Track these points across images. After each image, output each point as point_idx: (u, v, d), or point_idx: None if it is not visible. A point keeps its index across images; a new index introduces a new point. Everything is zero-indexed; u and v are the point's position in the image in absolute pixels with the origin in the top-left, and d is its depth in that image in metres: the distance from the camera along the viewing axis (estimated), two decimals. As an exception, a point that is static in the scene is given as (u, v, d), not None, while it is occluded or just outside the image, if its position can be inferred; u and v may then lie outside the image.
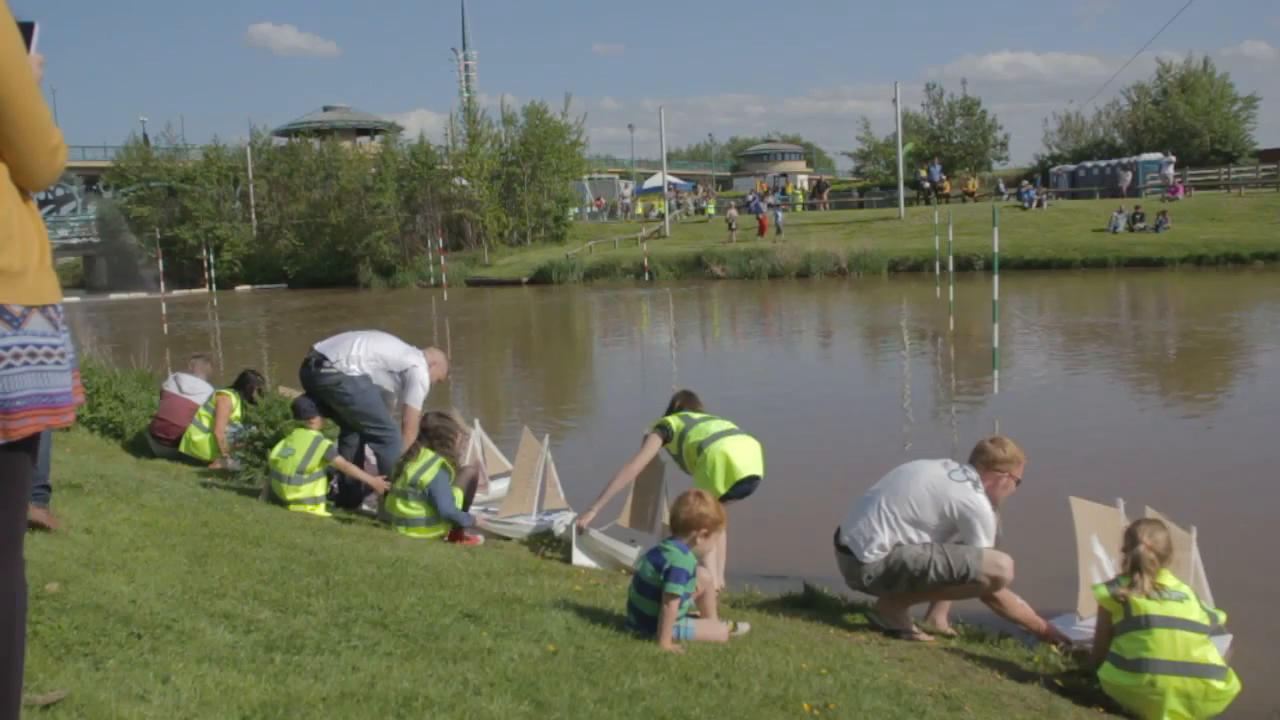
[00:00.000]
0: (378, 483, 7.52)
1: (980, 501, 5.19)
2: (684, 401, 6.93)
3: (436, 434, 7.12)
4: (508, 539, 7.42)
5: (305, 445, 7.41)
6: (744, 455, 6.41)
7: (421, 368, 7.80)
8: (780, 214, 49.79)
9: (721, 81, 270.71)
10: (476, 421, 9.04)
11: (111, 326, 31.63)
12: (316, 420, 7.67)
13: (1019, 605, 5.30)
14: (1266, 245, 36.02)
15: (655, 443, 6.70)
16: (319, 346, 7.70)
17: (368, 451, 8.00)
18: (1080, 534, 5.80)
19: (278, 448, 7.58)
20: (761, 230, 47.55)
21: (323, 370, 7.52)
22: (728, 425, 6.66)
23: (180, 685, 3.19)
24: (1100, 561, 5.77)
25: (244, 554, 5.26)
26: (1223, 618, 4.82)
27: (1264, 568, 6.64)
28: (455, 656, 3.84)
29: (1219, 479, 9.36)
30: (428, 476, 6.90)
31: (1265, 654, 5.41)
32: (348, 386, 7.51)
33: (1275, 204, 42.52)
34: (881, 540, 5.23)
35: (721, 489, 6.25)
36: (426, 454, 7.01)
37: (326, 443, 7.47)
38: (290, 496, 7.33)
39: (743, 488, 6.41)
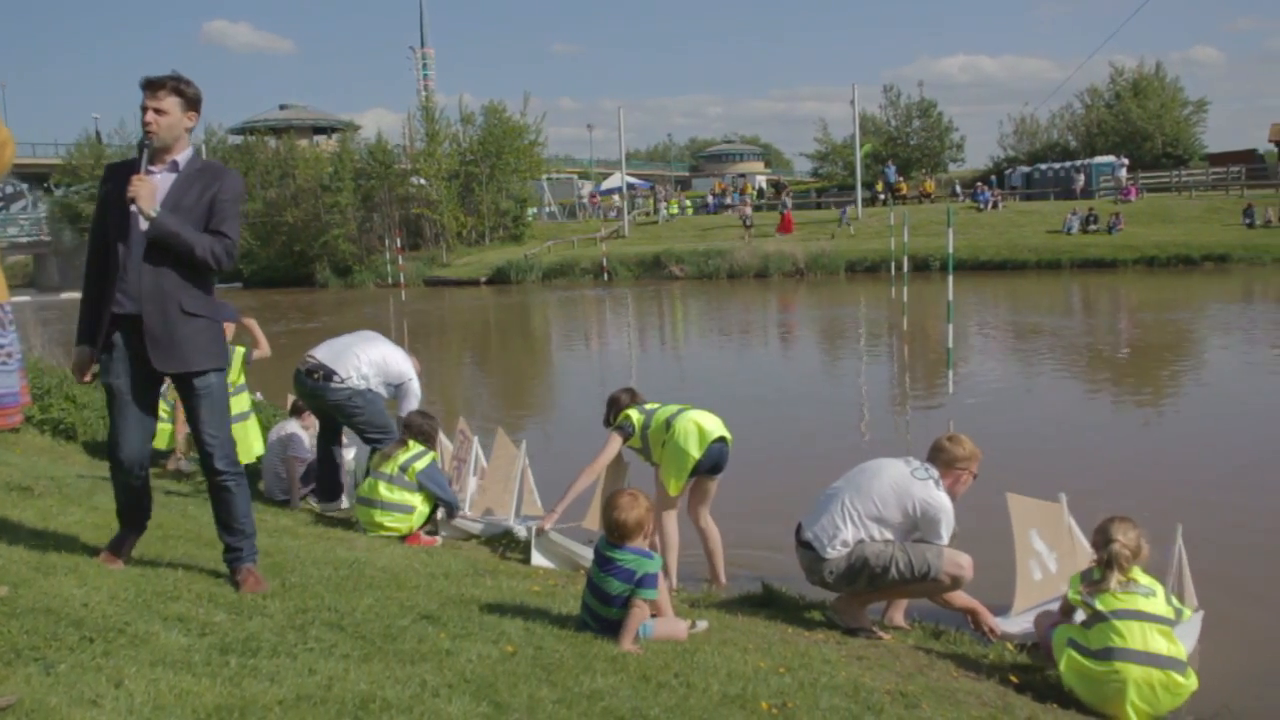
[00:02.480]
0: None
1: (942, 500, 5.25)
2: (630, 398, 6.95)
3: (421, 431, 7.21)
4: (474, 536, 7.37)
5: (235, 356, 7.43)
6: (712, 420, 6.58)
7: (415, 380, 7.83)
8: (846, 210, 47.48)
9: (680, 82, 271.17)
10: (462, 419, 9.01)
11: (63, 326, 31.19)
12: (233, 327, 7.64)
13: (967, 598, 5.40)
14: (1216, 247, 36.68)
15: (616, 441, 6.71)
16: (321, 358, 7.54)
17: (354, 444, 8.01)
18: (1017, 530, 5.87)
19: None
20: (782, 227, 46.85)
21: (333, 385, 7.42)
22: (686, 405, 6.79)
23: (133, 689, 3.15)
24: (1040, 555, 5.84)
25: (198, 556, 5.21)
26: (1188, 613, 4.90)
27: (1221, 560, 6.73)
28: (413, 658, 3.82)
29: (1173, 474, 9.49)
30: (421, 464, 6.98)
31: (1220, 647, 5.49)
32: (358, 400, 7.47)
33: (1224, 207, 43.25)
34: (845, 537, 5.27)
35: (696, 453, 6.40)
36: (416, 446, 7.08)
37: (240, 347, 7.53)
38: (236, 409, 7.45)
39: (715, 453, 6.48)
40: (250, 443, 7.59)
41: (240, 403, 7.49)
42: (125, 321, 4.53)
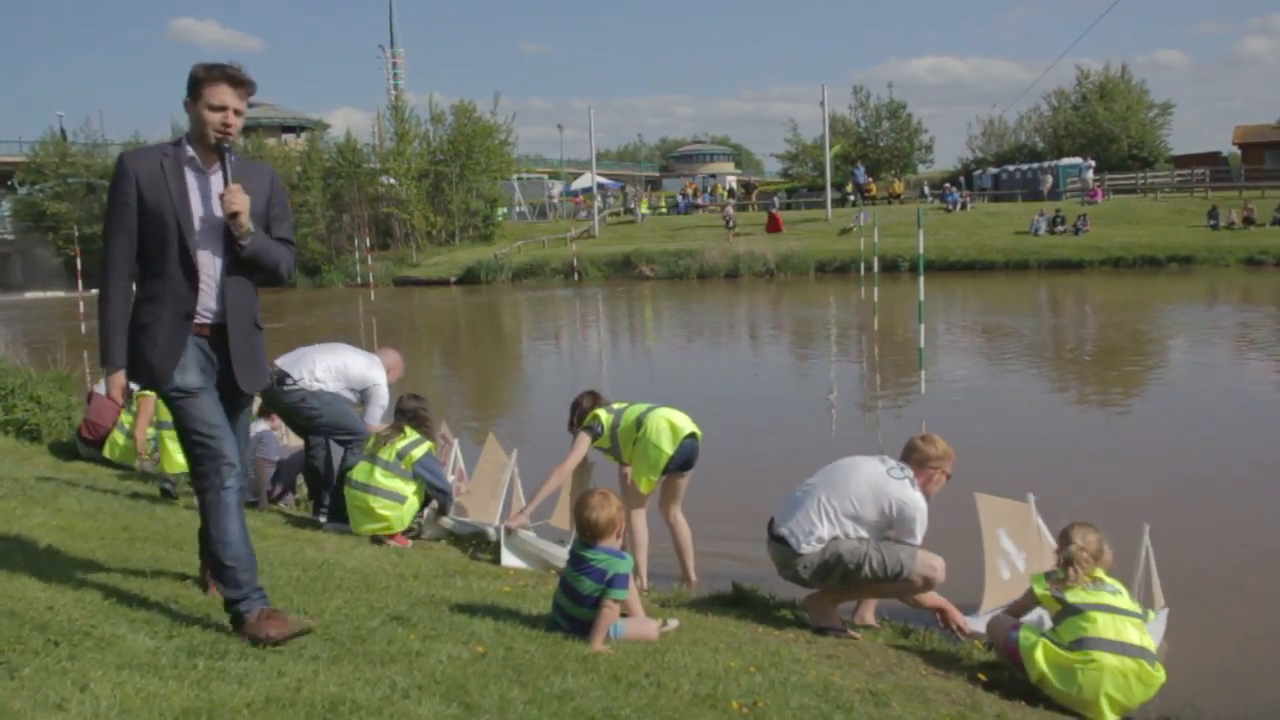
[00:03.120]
0: None
1: (918, 499, 5.30)
2: (593, 401, 6.95)
3: (415, 415, 7.06)
4: (451, 534, 7.34)
5: None
6: (682, 418, 6.64)
7: (383, 385, 7.69)
8: (864, 215, 45.14)
9: (650, 82, 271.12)
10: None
11: (26, 326, 30.86)
12: None
13: (937, 597, 5.44)
14: (1180, 248, 37.17)
15: (585, 441, 6.72)
16: (280, 363, 7.45)
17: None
18: (986, 529, 5.93)
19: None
20: (772, 226, 46.91)
21: (285, 388, 7.32)
22: (653, 404, 6.84)
23: (99, 693, 3.12)
24: (1008, 554, 5.90)
25: (166, 558, 5.17)
26: (1152, 615, 4.97)
27: (1186, 558, 6.80)
28: (383, 659, 3.80)
29: (1139, 472, 9.58)
30: (418, 453, 6.86)
31: (1185, 644, 5.55)
32: (313, 401, 7.29)
33: (1189, 208, 43.77)
34: (820, 533, 5.29)
35: (670, 449, 6.45)
36: (412, 433, 6.95)
37: None
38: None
39: (687, 449, 6.54)
40: None
41: None
42: (202, 331, 4.09)
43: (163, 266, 4.00)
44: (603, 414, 6.76)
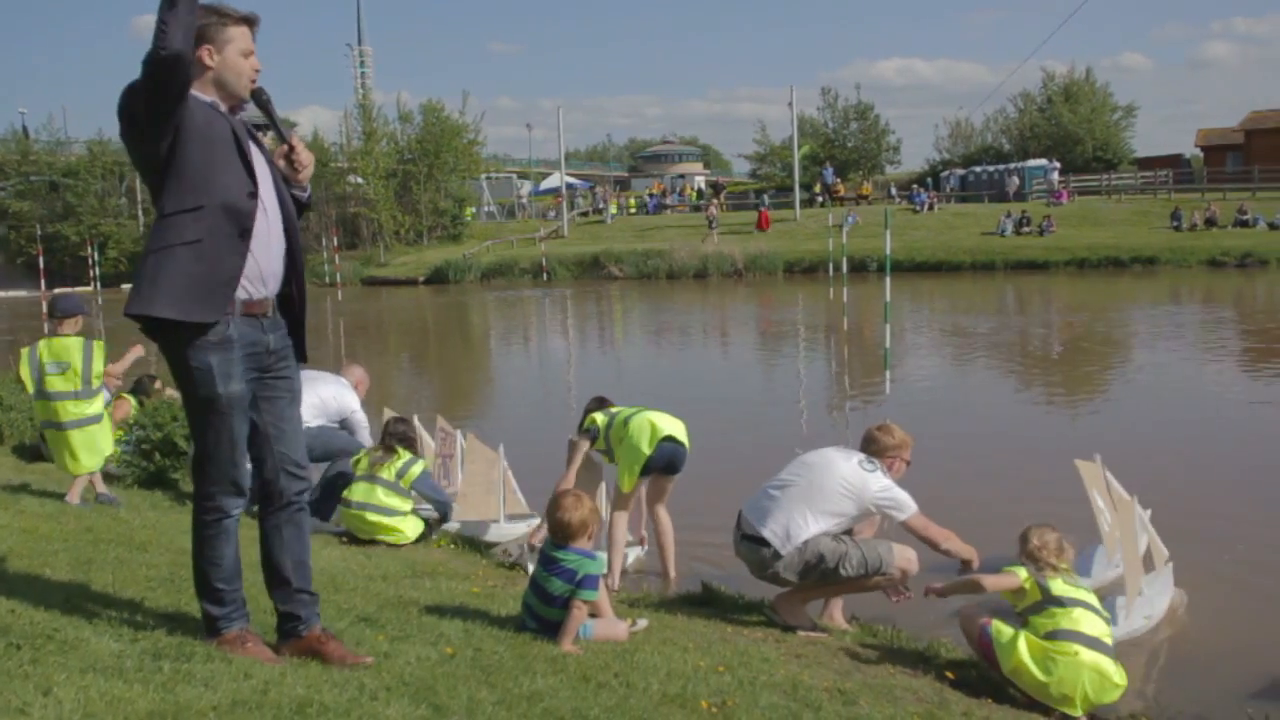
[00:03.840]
0: None
1: (890, 487, 5.36)
2: (597, 405, 7.01)
3: (404, 437, 7.25)
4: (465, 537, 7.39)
5: (78, 353, 7.00)
6: (667, 420, 6.67)
7: (359, 409, 7.85)
8: (855, 218, 43.44)
9: (619, 82, 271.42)
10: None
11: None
12: (79, 319, 7.18)
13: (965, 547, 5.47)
14: (1144, 250, 37.60)
15: (584, 445, 6.82)
16: None
17: None
18: (1088, 491, 6.33)
19: (32, 365, 7.08)
20: (761, 224, 46.96)
21: None
22: (644, 406, 6.90)
23: (63, 697, 3.08)
24: (1102, 511, 6.30)
25: (130, 560, 5.12)
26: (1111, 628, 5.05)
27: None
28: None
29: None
30: (415, 471, 7.07)
31: (1147, 644, 5.61)
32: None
33: (1153, 210, 44.29)
34: (801, 534, 5.29)
35: (648, 449, 6.47)
36: (405, 453, 7.14)
37: (99, 342, 7.17)
38: (83, 412, 7.04)
39: (668, 452, 6.54)
40: (104, 445, 7.32)
41: (97, 404, 7.18)
42: (263, 309, 3.74)
43: (210, 175, 3.50)
44: (598, 417, 6.85)
